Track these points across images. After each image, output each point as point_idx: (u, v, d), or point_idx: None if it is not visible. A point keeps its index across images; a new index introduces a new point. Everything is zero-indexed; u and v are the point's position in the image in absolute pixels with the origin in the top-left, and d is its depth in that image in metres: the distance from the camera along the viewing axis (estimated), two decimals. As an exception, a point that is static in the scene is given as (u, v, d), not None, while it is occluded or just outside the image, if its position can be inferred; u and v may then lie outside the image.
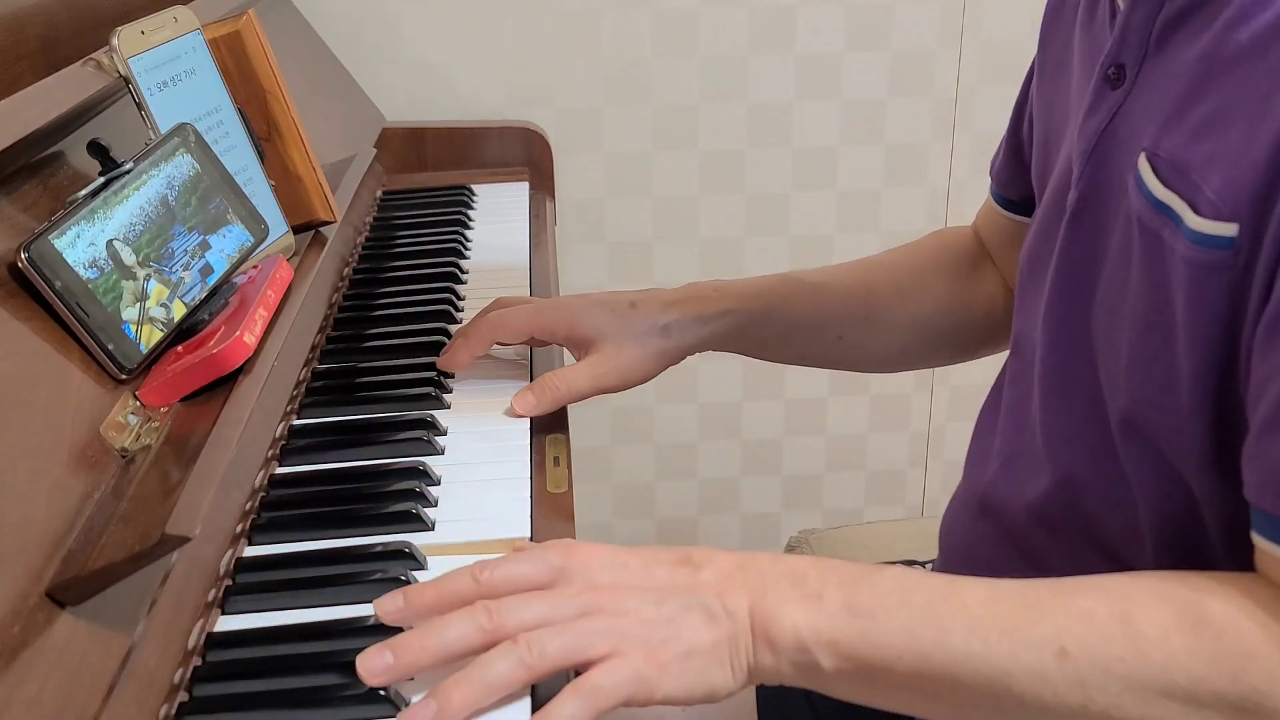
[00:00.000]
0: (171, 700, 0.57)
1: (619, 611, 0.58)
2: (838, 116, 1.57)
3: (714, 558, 0.61)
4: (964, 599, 0.58)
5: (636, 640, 0.57)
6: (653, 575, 0.60)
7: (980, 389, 0.86)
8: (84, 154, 0.73)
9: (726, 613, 0.58)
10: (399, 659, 0.56)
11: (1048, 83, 0.78)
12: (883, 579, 0.59)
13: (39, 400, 0.60)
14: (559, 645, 0.56)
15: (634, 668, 0.56)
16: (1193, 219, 0.58)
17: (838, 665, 0.58)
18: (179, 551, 0.60)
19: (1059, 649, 0.55)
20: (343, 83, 1.41)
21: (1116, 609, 0.56)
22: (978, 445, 0.82)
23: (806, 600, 0.58)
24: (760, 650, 0.58)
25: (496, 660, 0.56)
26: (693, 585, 0.59)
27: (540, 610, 0.58)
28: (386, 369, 0.91)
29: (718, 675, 0.58)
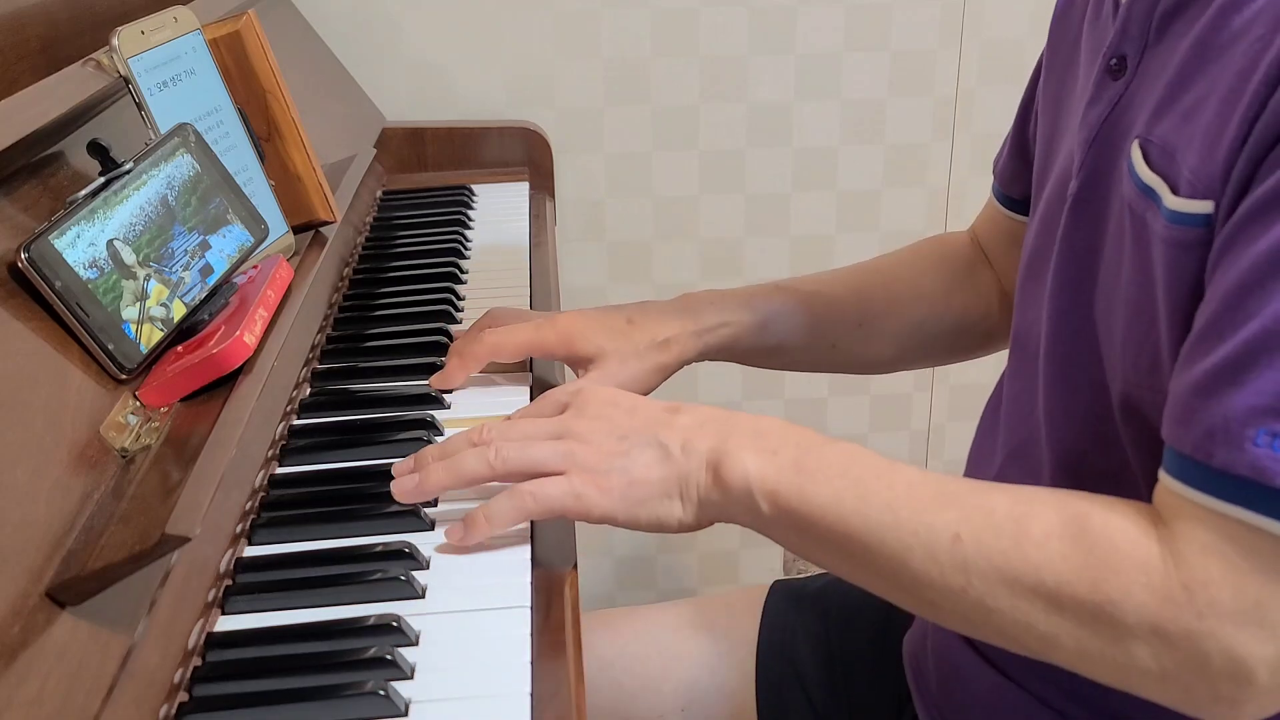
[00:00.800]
0: (171, 700, 0.57)
1: (582, 439, 0.68)
2: (838, 116, 1.57)
3: (697, 409, 0.70)
4: (893, 480, 0.64)
5: (586, 464, 0.67)
6: (634, 415, 0.69)
7: (980, 388, 0.86)
8: (84, 154, 0.73)
9: (683, 451, 0.67)
10: (423, 482, 0.70)
11: (1055, 81, 0.79)
12: (834, 450, 0.66)
13: (39, 400, 0.60)
14: (518, 455, 0.68)
15: (572, 485, 0.67)
16: (1171, 199, 0.59)
17: (774, 513, 0.65)
18: (179, 551, 0.60)
19: (954, 534, 0.60)
20: (343, 83, 1.41)
21: (1016, 510, 0.60)
22: (981, 443, 0.83)
23: (762, 453, 0.66)
24: (710, 487, 0.66)
25: (469, 457, 0.69)
26: (662, 426, 0.68)
27: (523, 430, 0.70)
28: (386, 369, 0.91)
29: (663, 506, 0.67)
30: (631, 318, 0.88)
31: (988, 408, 0.83)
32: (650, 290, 1.61)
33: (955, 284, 0.95)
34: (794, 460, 0.65)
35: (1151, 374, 0.63)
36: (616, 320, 0.88)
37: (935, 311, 0.94)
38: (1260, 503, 0.53)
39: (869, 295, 0.94)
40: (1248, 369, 0.53)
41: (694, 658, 0.92)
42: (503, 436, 0.70)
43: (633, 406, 0.70)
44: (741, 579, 1.78)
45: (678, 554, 1.77)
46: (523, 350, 0.87)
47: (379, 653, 0.60)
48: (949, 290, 0.94)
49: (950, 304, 0.94)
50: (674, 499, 0.67)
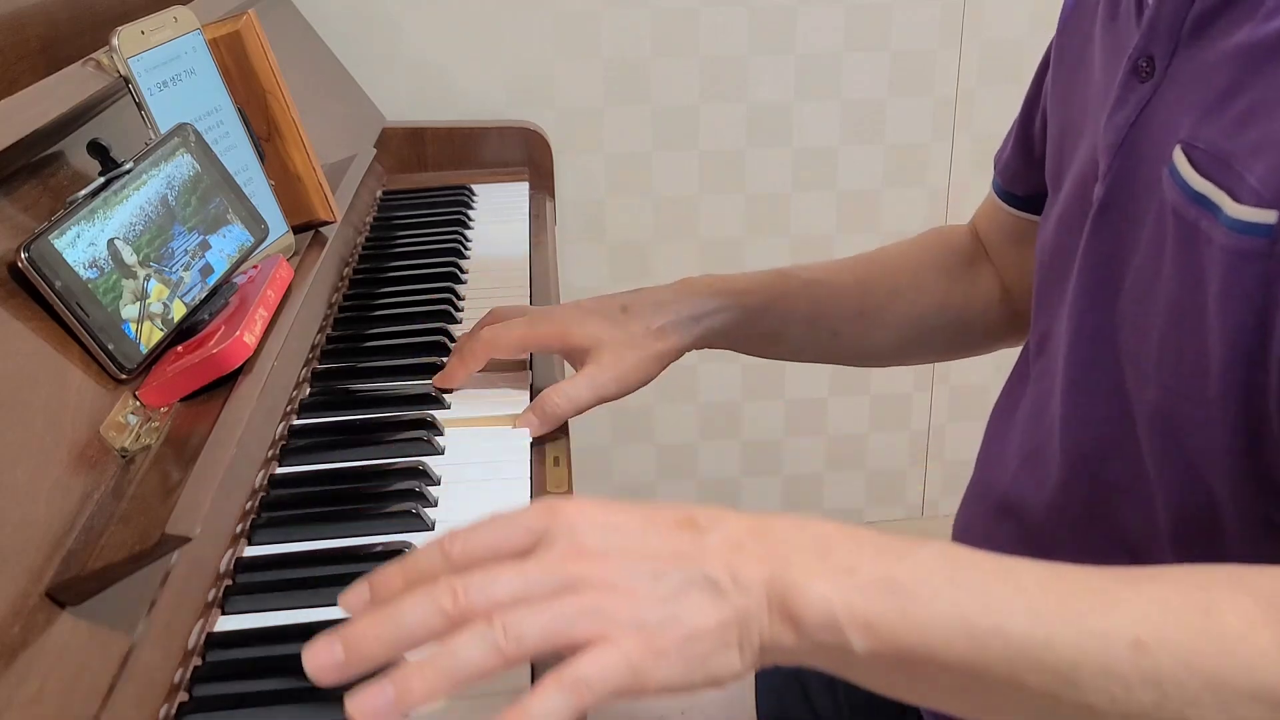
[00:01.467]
0: (171, 700, 0.57)
1: (608, 586, 0.50)
2: (838, 116, 1.57)
3: (722, 520, 0.53)
4: (1022, 581, 0.51)
5: (629, 622, 0.49)
6: (649, 541, 0.52)
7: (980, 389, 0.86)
8: (84, 154, 0.73)
9: (737, 586, 0.50)
10: (350, 652, 0.49)
11: (1065, 79, 0.78)
12: (926, 553, 0.52)
13: (39, 400, 0.60)
14: (538, 626, 0.48)
15: (625, 656, 0.49)
16: (1233, 207, 0.57)
17: (873, 648, 0.50)
18: (179, 551, 0.59)
19: (1133, 639, 0.48)
20: (343, 83, 1.41)
21: (1194, 599, 0.50)
22: (992, 446, 0.82)
23: (837, 573, 0.51)
24: (778, 628, 0.51)
25: (466, 644, 0.48)
26: (696, 553, 0.51)
27: (514, 584, 0.50)
28: (386, 369, 0.91)
29: (722, 660, 0.50)
30: (627, 306, 0.87)
31: (997, 410, 0.83)
32: (650, 290, 1.62)
33: (956, 277, 0.94)
34: (882, 576, 0.51)
35: (1193, 383, 0.61)
36: (611, 309, 0.86)
37: (936, 304, 0.93)
38: None
39: (870, 285, 0.93)
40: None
41: (694, 658, 0.91)
42: (490, 599, 0.49)
43: (640, 529, 0.53)
44: (741, 579, 1.78)
45: (678, 554, 1.77)
46: (518, 345, 0.86)
47: (379, 653, 0.60)
48: (950, 284, 0.94)
49: (951, 297, 0.94)
50: (732, 647, 0.50)
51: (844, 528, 0.53)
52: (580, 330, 0.85)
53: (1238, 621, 0.49)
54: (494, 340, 0.86)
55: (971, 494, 0.84)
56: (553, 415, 0.82)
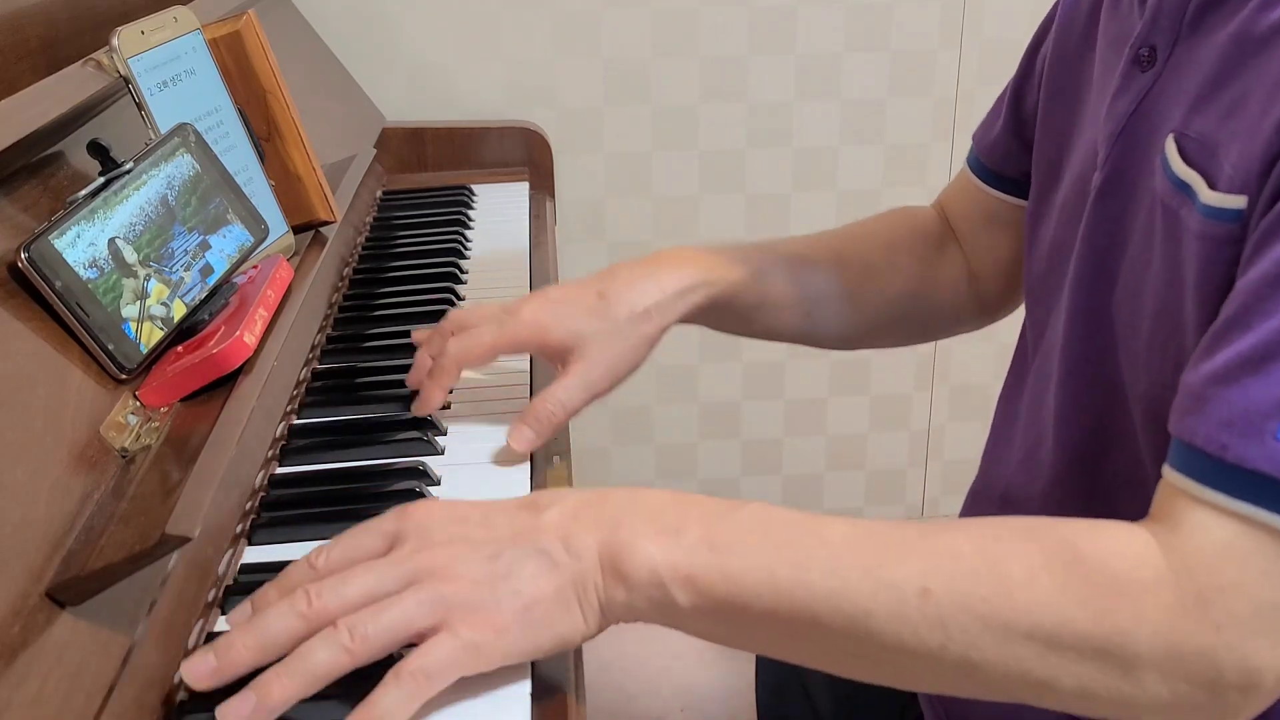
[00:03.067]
0: (171, 700, 0.57)
1: (449, 575, 0.55)
2: (838, 116, 1.57)
3: (561, 497, 0.58)
4: (825, 535, 0.56)
5: (466, 606, 0.54)
6: (493, 525, 0.57)
7: (980, 389, 0.86)
8: (84, 154, 0.73)
9: (570, 554, 0.56)
10: (221, 659, 0.54)
11: (1066, 71, 0.77)
12: (744, 514, 0.57)
13: (39, 400, 0.60)
14: (383, 624, 0.53)
15: (460, 640, 0.54)
16: (1207, 194, 0.58)
17: (694, 602, 0.56)
18: (179, 551, 0.60)
19: (921, 588, 0.53)
20: (343, 83, 1.41)
21: (985, 549, 0.54)
22: (996, 441, 0.82)
23: (663, 534, 0.56)
24: (612, 587, 0.56)
25: (316, 649, 0.53)
26: (533, 529, 0.57)
27: (363, 585, 0.55)
28: (386, 369, 0.91)
29: (564, 622, 0.56)
30: (603, 292, 0.81)
31: (1001, 405, 0.83)
32: (650, 290, 1.61)
33: (927, 260, 0.93)
34: (703, 536, 0.56)
35: (1175, 374, 0.61)
36: (587, 297, 0.80)
37: (909, 287, 0.92)
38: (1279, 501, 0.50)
39: (847, 265, 0.91)
40: (1273, 359, 0.51)
41: (694, 659, 0.92)
42: (342, 600, 0.54)
43: (483, 517, 0.58)
44: (741, 579, 1.78)
45: (678, 554, 1.77)
46: (492, 352, 0.80)
47: (379, 653, 0.60)
48: (922, 266, 0.93)
49: (923, 280, 0.93)
50: (573, 609, 0.56)
51: (675, 495, 0.59)
52: (560, 327, 0.80)
53: (1020, 569, 0.53)
54: (464, 353, 0.80)
55: (975, 490, 0.84)
56: (549, 424, 0.78)
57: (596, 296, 0.81)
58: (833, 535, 0.56)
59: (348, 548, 0.58)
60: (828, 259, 0.91)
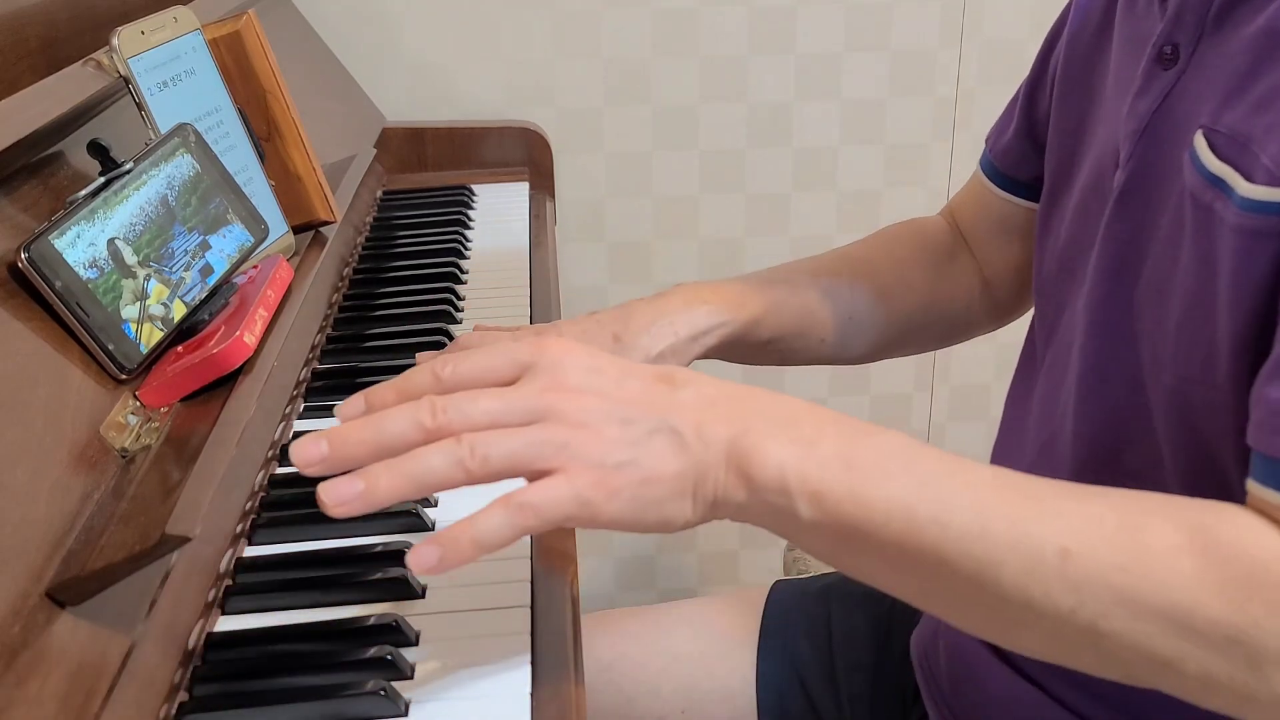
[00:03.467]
0: (171, 700, 0.57)
1: (578, 422, 0.54)
2: (838, 116, 1.57)
3: (697, 379, 0.57)
4: (970, 478, 0.54)
5: (589, 459, 0.53)
6: (626, 387, 0.55)
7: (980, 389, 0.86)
8: (84, 154, 0.73)
9: (700, 439, 0.54)
10: (334, 449, 0.53)
11: (1081, 70, 0.77)
12: (886, 439, 0.56)
13: (39, 400, 0.60)
14: (503, 451, 0.52)
15: (576, 489, 0.53)
16: (1245, 187, 0.57)
17: (817, 518, 0.54)
18: (179, 551, 0.60)
19: (1062, 548, 0.52)
20: (343, 83, 1.41)
21: (1130, 520, 0.53)
22: (1007, 438, 0.82)
23: (798, 442, 0.54)
24: (731, 484, 0.54)
25: (433, 455, 0.52)
26: (668, 404, 0.55)
27: (491, 408, 0.53)
28: (386, 369, 0.91)
29: (674, 506, 0.54)
30: (619, 334, 0.81)
31: (1010, 403, 0.82)
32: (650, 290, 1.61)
33: (939, 273, 0.94)
34: (839, 453, 0.54)
35: (1204, 367, 0.61)
36: (603, 339, 0.81)
37: (922, 303, 0.93)
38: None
39: (858, 289, 0.92)
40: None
41: (694, 659, 0.92)
42: (466, 419, 0.53)
43: (619, 374, 0.56)
44: (741, 579, 1.78)
45: (678, 554, 1.77)
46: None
47: (379, 653, 0.60)
48: (934, 281, 0.93)
49: (936, 294, 0.93)
50: (685, 497, 0.55)
51: (815, 406, 0.57)
52: None
53: (1163, 545, 0.52)
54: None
55: None
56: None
57: (613, 339, 0.81)
58: (978, 479, 0.55)
59: (477, 365, 0.56)
60: (841, 286, 0.91)
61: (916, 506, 0.53)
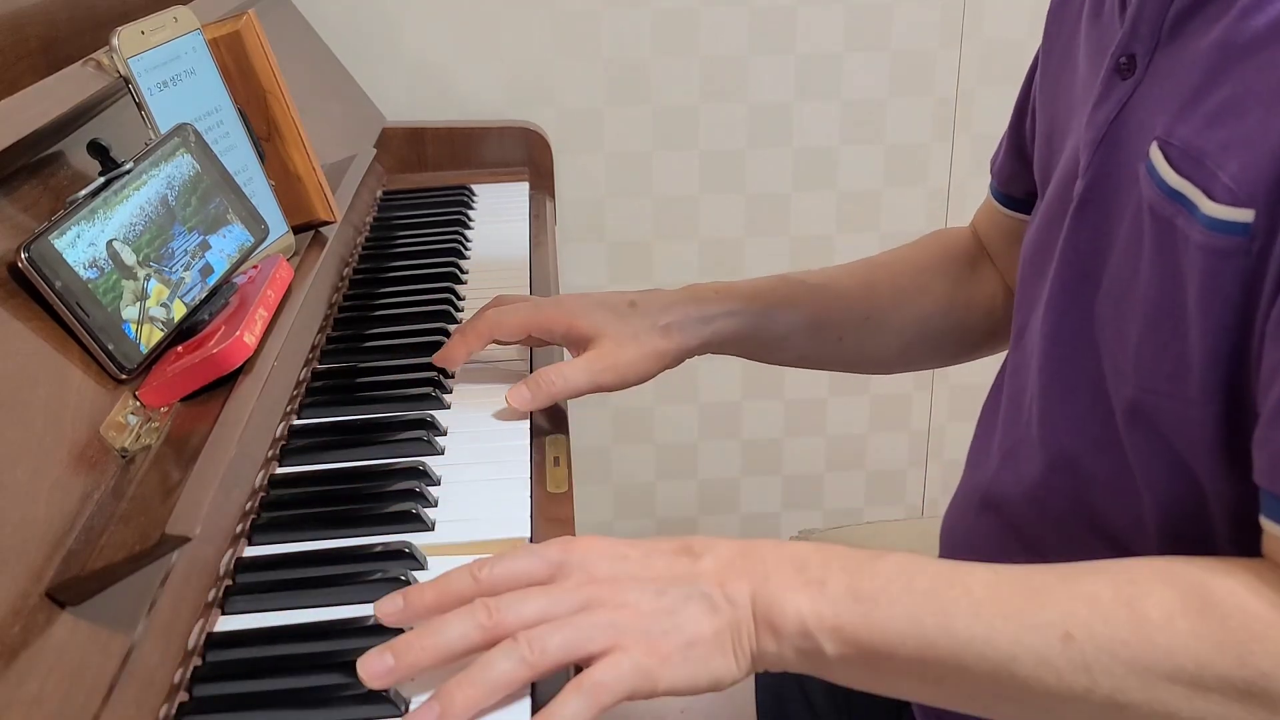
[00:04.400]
0: (171, 700, 0.57)
1: (619, 604, 0.58)
2: (838, 116, 1.57)
3: (714, 546, 0.61)
4: (967, 583, 0.58)
5: (637, 633, 0.57)
6: (652, 566, 0.60)
7: (980, 389, 0.86)
8: (84, 154, 0.73)
9: (728, 600, 0.59)
10: (400, 660, 0.56)
11: (1052, 78, 0.78)
12: (886, 564, 0.59)
13: (39, 400, 0.60)
14: (560, 641, 0.56)
15: (635, 661, 0.56)
16: (1208, 205, 0.58)
17: (841, 651, 0.58)
18: (179, 551, 0.60)
19: (1064, 633, 0.55)
20: (343, 83, 1.41)
21: (1122, 593, 0.56)
22: (979, 443, 0.83)
23: (809, 586, 0.59)
24: (763, 637, 0.59)
25: (498, 659, 0.56)
26: (692, 574, 0.60)
27: (540, 606, 0.58)
28: (386, 369, 0.91)
29: (720, 664, 0.58)
30: (635, 301, 0.87)
31: (985, 408, 0.83)
32: (650, 290, 1.62)
33: (960, 280, 0.94)
34: (848, 587, 0.58)
35: (1174, 381, 0.61)
36: (619, 303, 0.87)
37: (940, 308, 0.94)
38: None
39: (876, 289, 0.93)
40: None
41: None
42: (519, 617, 0.58)
43: (643, 556, 0.61)
44: (741, 579, 1.77)
45: (678, 554, 1.76)
46: (522, 327, 0.86)
47: (379, 653, 0.60)
48: (954, 287, 0.94)
49: (955, 300, 0.94)
50: (728, 653, 0.58)
51: (818, 546, 0.61)
52: (586, 319, 0.85)
53: (1159, 613, 0.54)
54: (498, 321, 0.86)
55: (959, 491, 0.84)
56: (546, 393, 0.83)
57: (629, 305, 0.87)
58: (975, 582, 0.58)
59: (512, 568, 0.60)
60: (857, 287, 0.93)
61: (924, 621, 0.57)
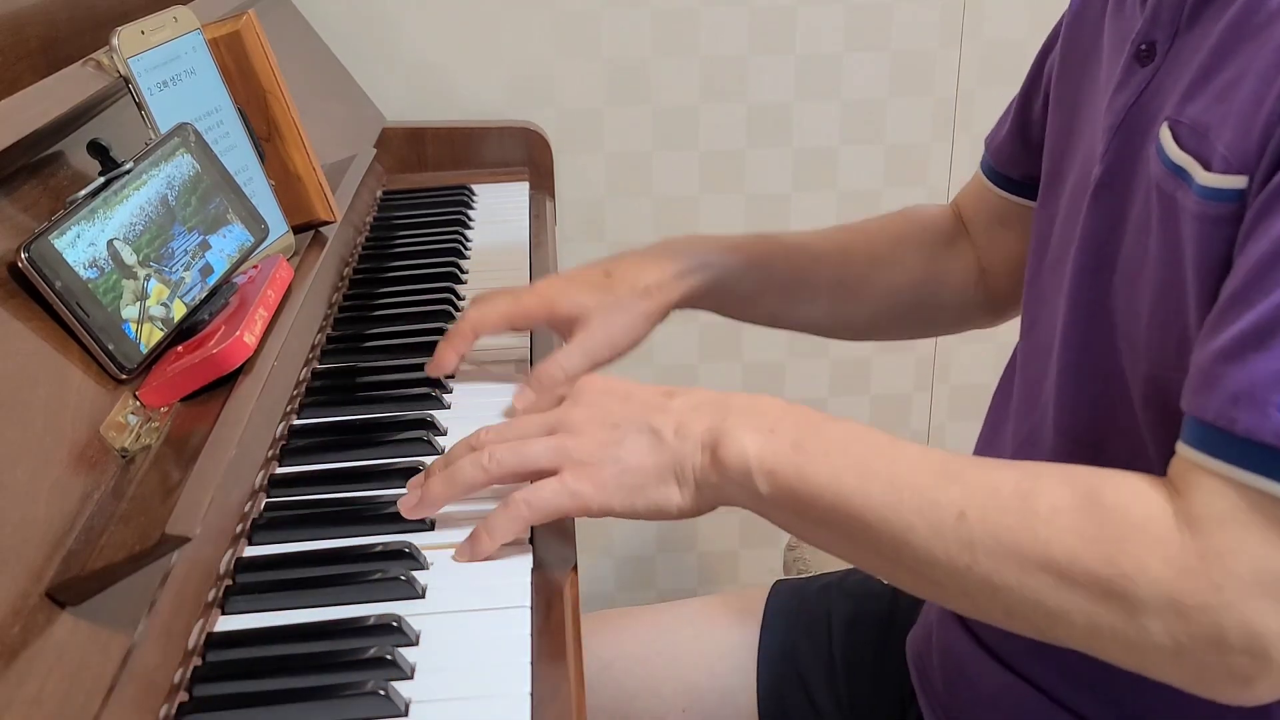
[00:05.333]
0: (171, 700, 0.57)
1: (575, 431, 0.68)
2: (838, 116, 1.57)
3: (693, 391, 0.69)
4: (894, 456, 0.63)
5: (577, 458, 0.66)
6: (629, 401, 0.69)
7: (980, 389, 0.86)
8: (84, 154, 0.73)
9: (677, 435, 0.66)
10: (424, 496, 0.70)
11: (1074, 78, 0.78)
12: (835, 428, 0.66)
13: (39, 400, 0.60)
14: (511, 457, 0.68)
15: (564, 484, 0.66)
16: (1203, 175, 0.59)
17: (772, 493, 0.64)
18: (179, 551, 0.60)
19: (959, 511, 0.59)
20: (343, 83, 1.41)
21: (1021, 486, 0.59)
22: (990, 435, 0.83)
23: (760, 431, 0.65)
24: (708, 469, 0.65)
25: (465, 465, 0.68)
26: (655, 410, 0.67)
27: (519, 428, 0.69)
28: (386, 369, 0.91)
29: (658, 493, 0.66)
30: (609, 270, 0.88)
31: (995, 401, 0.83)
32: (650, 290, 1.61)
33: (935, 255, 0.95)
34: (793, 439, 0.64)
35: (1179, 355, 0.62)
36: (594, 275, 0.88)
37: (913, 280, 0.95)
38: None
39: (851, 254, 0.94)
40: (1275, 335, 0.53)
41: (694, 659, 0.92)
42: (498, 437, 0.69)
43: (627, 393, 0.69)
44: (741, 579, 1.78)
45: (678, 554, 1.77)
46: (504, 320, 0.87)
47: (379, 653, 0.60)
48: (928, 261, 0.95)
49: (929, 275, 0.95)
50: (670, 484, 0.66)
51: (787, 404, 0.67)
52: (566, 300, 0.86)
53: (1046, 506, 0.58)
54: (480, 319, 0.87)
55: None
56: (549, 386, 0.83)
57: (603, 274, 0.88)
58: (900, 457, 0.63)
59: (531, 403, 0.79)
60: (832, 250, 0.94)
61: (845, 481, 0.62)
